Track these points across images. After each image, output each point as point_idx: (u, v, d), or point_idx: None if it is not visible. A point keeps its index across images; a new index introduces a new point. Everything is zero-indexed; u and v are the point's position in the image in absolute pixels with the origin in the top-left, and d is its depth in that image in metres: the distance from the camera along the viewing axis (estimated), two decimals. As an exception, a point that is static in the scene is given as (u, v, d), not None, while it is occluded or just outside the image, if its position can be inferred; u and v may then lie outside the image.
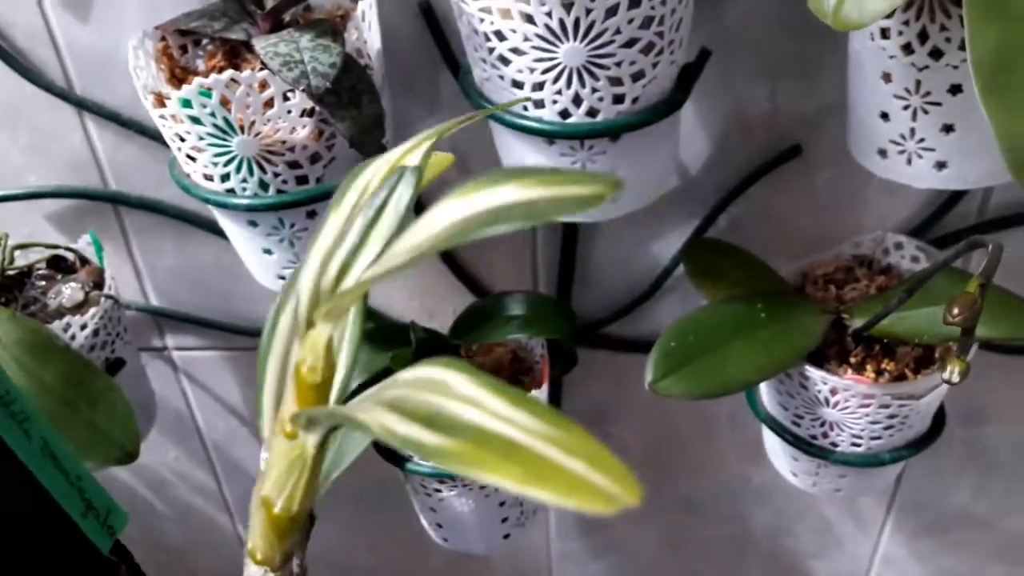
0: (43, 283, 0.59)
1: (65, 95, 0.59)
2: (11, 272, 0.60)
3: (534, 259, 0.65)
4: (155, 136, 0.58)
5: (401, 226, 0.24)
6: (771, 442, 0.59)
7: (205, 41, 0.48)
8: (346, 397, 0.26)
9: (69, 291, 0.58)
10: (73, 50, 0.57)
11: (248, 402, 0.76)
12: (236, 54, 0.47)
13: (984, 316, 0.47)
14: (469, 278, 0.66)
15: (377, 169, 0.27)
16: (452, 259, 0.65)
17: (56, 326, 0.55)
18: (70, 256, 0.62)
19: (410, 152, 0.28)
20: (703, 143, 0.57)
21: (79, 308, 0.58)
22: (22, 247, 0.62)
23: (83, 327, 0.56)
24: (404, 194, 0.25)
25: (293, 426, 0.24)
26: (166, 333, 0.72)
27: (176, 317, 0.70)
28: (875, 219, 0.59)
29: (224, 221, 0.49)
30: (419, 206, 0.25)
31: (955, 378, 0.38)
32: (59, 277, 0.60)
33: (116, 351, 0.60)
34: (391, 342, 0.56)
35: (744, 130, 0.57)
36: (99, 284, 0.60)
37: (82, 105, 0.59)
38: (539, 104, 0.41)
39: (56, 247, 0.62)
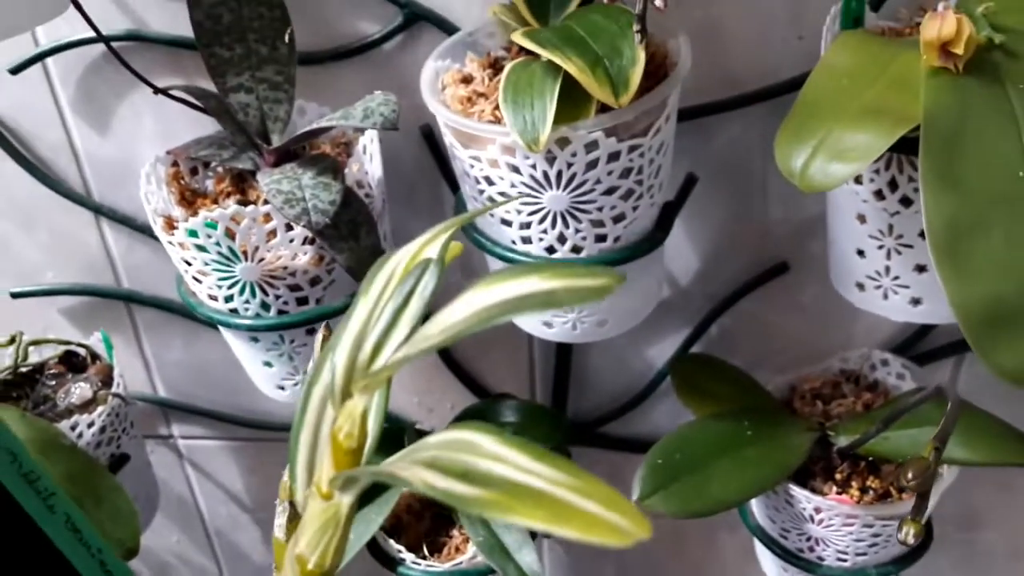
0: (54, 382, 0.61)
1: (83, 201, 0.62)
2: (24, 369, 0.62)
3: (531, 360, 0.66)
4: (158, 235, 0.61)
5: (426, 311, 0.27)
6: (761, 551, 0.60)
7: (215, 163, 0.51)
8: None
9: (79, 390, 0.60)
10: (92, 160, 0.60)
11: (250, 490, 0.78)
12: (243, 179, 0.50)
13: (962, 439, 0.48)
14: (467, 377, 0.67)
15: (400, 260, 0.30)
16: (451, 358, 0.67)
17: (64, 425, 0.57)
18: (82, 352, 0.65)
19: (429, 244, 0.31)
20: (693, 257, 0.59)
21: (87, 406, 0.60)
22: (36, 343, 0.64)
23: (90, 425, 0.58)
24: (429, 283, 0.27)
25: (330, 488, 0.27)
26: (172, 422, 0.74)
27: (183, 408, 0.72)
28: (862, 333, 0.60)
29: (227, 334, 0.52)
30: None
31: (910, 540, 0.39)
32: (70, 376, 0.62)
33: (122, 447, 0.62)
34: (387, 446, 0.58)
35: (732, 246, 0.58)
36: (108, 382, 0.62)
37: (99, 210, 0.62)
38: (526, 240, 0.43)
39: (68, 343, 0.65)
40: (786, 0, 0.50)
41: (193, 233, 0.44)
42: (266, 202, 0.44)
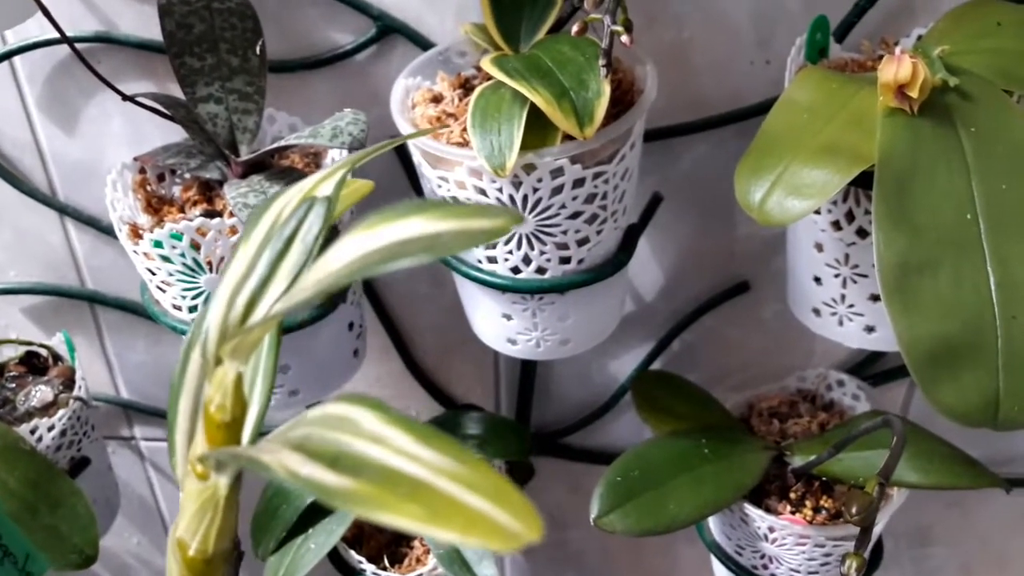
0: (14, 384, 0.60)
1: (48, 200, 0.61)
2: (-16, 369, 0.62)
3: (496, 370, 0.67)
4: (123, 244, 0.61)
5: (311, 257, 0.24)
6: (717, 566, 0.61)
7: (182, 171, 0.51)
8: (259, 437, 0.25)
9: (39, 393, 0.60)
10: (58, 160, 0.60)
11: (212, 492, 0.77)
12: (210, 187, 0.50)
13: (913, 463, 0.50)
14: (433, 386, 0.68)
15: (288, 200, 0.26)
16: (417, 367, 0.67)
17: (24, 429, 0.56)
18: (43, 353, 0.64)
19: (323, 181, 0.27)
20: (657, 274, 0.60)
21: (48, 409, 0.59)
22: (-3, 343, 0.63)
23: (50, 428, 0.58)
24: (314, 225, 0.24)
25: (202, 467, 0.24)
26: (134, 424, 0.74)
27: (145, 410, 0.71)
28: (819, 353, 0.61)
29: (191, 343, 0.51)
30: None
31: (852, 573, 0.40)
32: (30, 378, 0.61)
33: (82, 450, 0.61)
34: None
35: (696, 264, 0.59)
36: (69, 384, 0.61)
37: (64, 210, 0.61)
38: (492, 260, 0.44)
39: (30, 344, 0.64)
40: (755, 25, 0.51)
41: (158, 244, 0.44)
42: (232, 213, 0.44)
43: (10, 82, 0.57)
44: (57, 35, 0.53)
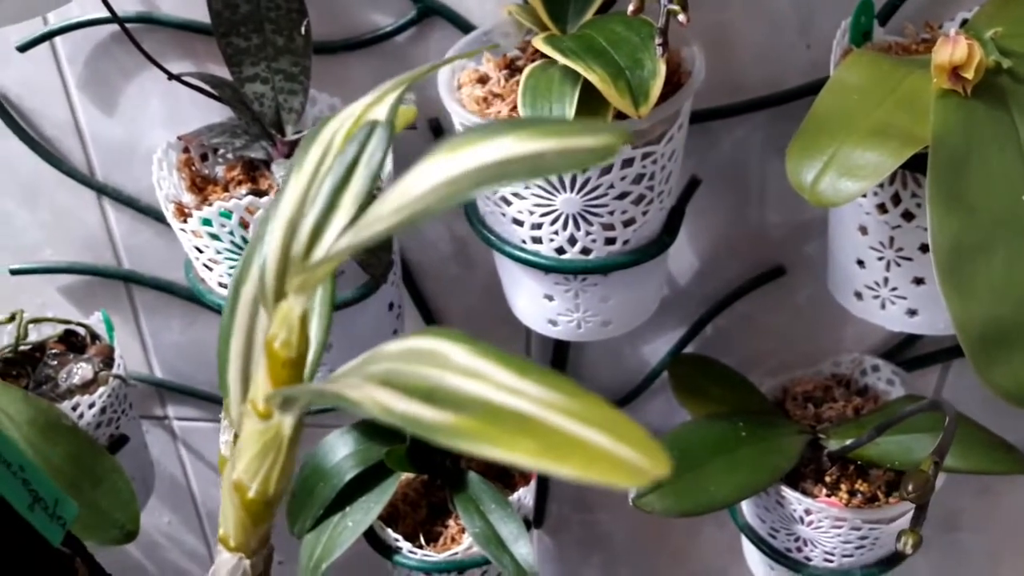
0: (55, 361, 0.61)
1: (86, 180, 0.62)
2: (24, 347, 0.63)
3: (528, 352, 0.67)
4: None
5: (375, 184, 0.23)
6: (749, 549, 0.61)
7: (225, 150, 0.51)
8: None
9: (80, 371, 0.60)
10: (97, 140, 0.60)
11: (243, 472, 0.78)
12: (255, 167, 0.50)
13: (955, 449, 0.50)
14: (464, 368, 0.68)
15: (341, 124, 0.25)
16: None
17: (65, 405, 0.57)
18: (81, 331, 0.65)
19: (374, 105, 0.26)
20: (692, 257, 0.60)
21: (88, 387, 0.60)
22: (36, 321, 0.64)
23: (91, 406, 0.59)
24: (376, 151, 0.23)
25: (267, 406, 0.23)
26: (168, 403, 0.74)
27: (179, 389, 0.72)
28: (853, 338, 0.61)
29: (233, 322, 0.52)
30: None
31: (908, 550, 0.40)
32: (71, 356, 0.62)
33: (120, 427, 0.62)
34: (386, 436, 0.58)
35: (731, 248, 0.59)
36: (108, 362, 0.62)
37: (102, 190, 0.62)
38: (537, 240, 0.44)
39: (68, 322, 0.65)
40: (796, 9, 0.51)
41: (207, 222, 0.45)
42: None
43: (51, 62, 0.57)
44: (98, 15, 0.54)
